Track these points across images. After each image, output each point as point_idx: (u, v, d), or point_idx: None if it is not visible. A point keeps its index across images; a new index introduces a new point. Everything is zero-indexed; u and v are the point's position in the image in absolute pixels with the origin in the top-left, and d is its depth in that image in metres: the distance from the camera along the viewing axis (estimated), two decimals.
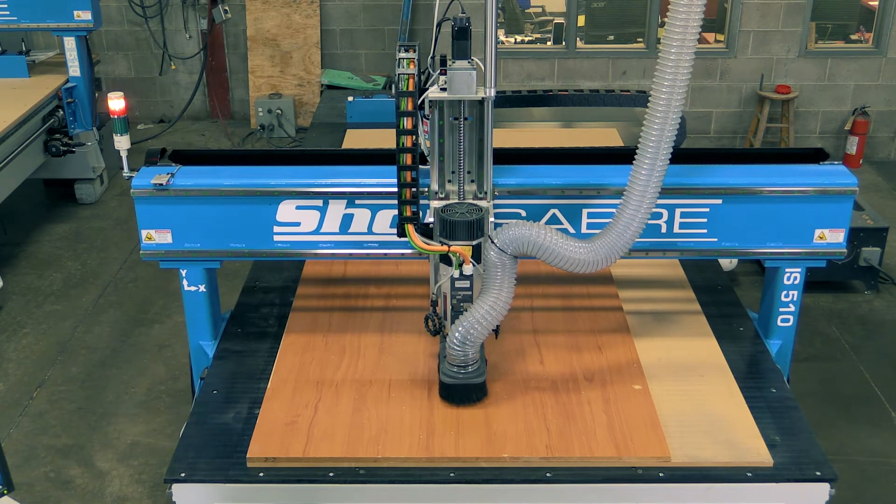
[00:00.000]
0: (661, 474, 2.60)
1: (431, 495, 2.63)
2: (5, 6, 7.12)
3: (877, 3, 8.70)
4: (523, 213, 3.14)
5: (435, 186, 2.96)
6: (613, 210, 2.83)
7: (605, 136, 5.31)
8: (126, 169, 3.23)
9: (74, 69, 7.29)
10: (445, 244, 2.77)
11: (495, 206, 3.04)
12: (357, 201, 3.14)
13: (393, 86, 3.14)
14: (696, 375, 3.02)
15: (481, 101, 2.85)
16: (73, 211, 7.74)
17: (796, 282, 3.34)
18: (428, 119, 2.87)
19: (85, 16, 7.10)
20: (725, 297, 3.55)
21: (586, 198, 3.14)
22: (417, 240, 2.85)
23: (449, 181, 2.97)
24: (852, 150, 8.79)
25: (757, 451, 2.66)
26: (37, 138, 7.00)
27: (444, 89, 2.80)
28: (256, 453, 2.65)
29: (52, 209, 7.76)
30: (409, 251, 3.08)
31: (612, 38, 9.27)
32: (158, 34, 9.59)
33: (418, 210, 2.85)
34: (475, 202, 2.90)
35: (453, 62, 2.82)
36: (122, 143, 3.28)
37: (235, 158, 3.37)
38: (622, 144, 5.11)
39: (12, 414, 5.15)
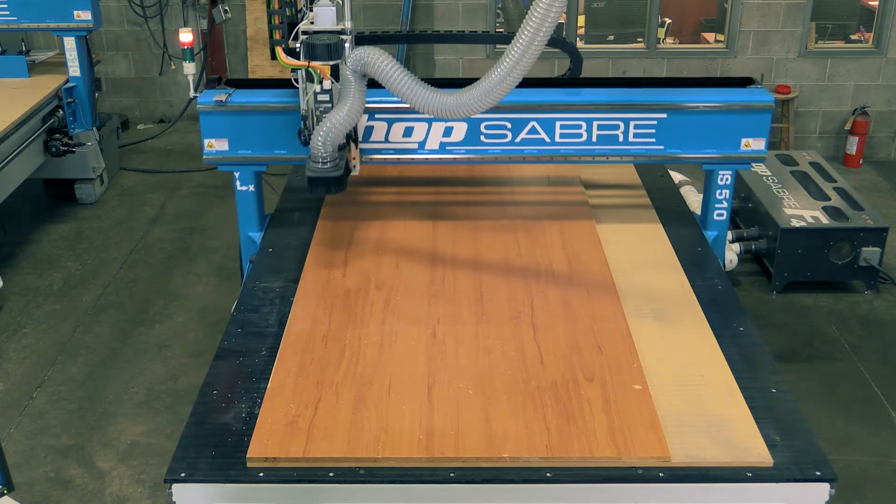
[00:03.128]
0: (661, 474, 2.60)
1: (431, 495, 2.63)
2: (5, 6, 7.12)
3: (877, 3, 8.70)
4: (508, 126, 4.00)
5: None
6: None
7: None
8: (192, 91, 4.19)
9: (74, 69, 7.30)
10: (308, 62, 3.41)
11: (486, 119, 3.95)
12: (376, 115, 3.93)
13: None
14: (695, 375, 3.02)
15: None
16: (73, 211, 7.74)
17: (727, 182, 4.18)
18: None
19: (85, 16, 7.10)
20: (725, 297, 3.55)
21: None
22: (284, 58, 3.52)
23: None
24: (852, 150, 8.79)
25: (757, 451, 2.66)
26: (37, 138, 7.00)
27: None
28: (256, 453, 2.65)
29: (52, 209, 7.76)
30: (419, 155, 4.01)
31: (612, 38, 9.27)
32: (158, 34, 9.60)
33: (286, 34, 3.58)
34: (337, 33, 3.46)
35: None
36: (189, 68, 4.23)
37: (280, 83, 4.01)
38: None
39: (12, 414, 5.15)
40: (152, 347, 5.81)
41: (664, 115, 3.98)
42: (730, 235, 6.79)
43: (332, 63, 3.44)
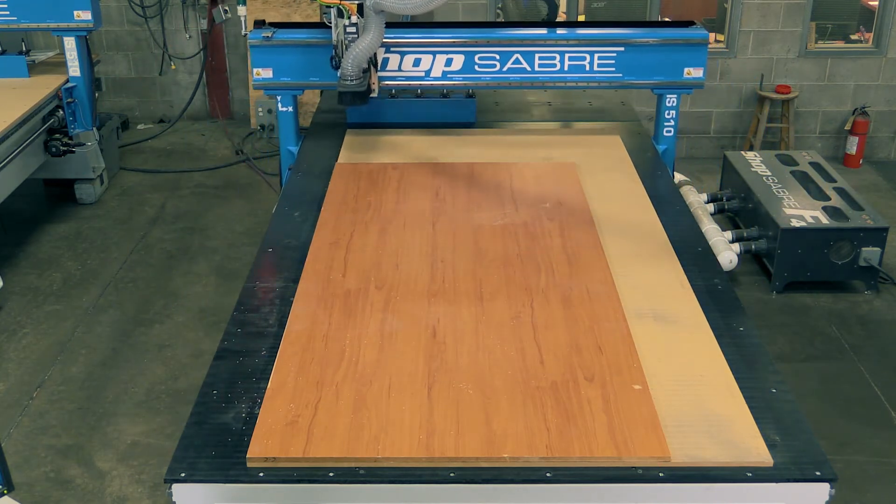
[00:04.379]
0: (661, 474, 2.60)
1: (431, 495, 2.63)
2: (5, 6, 7.12)
3: (877, 3, 8.70)
4: (497, 58, 5.10)
5: None
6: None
7: (603, 135, 5.32)
8: (244, 29, 5.10)
9: (74, 69, 7.30)
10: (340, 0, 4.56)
11: (479, 52, 5.08)
12: (392, 49, 5.03)
13: None
14: (695, 375, 3.02)
15: None
16: (73, 211, 7.74)
17: (674, 104, 5.23)
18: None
19: (85, 16, 7.11)
20: (725, 297, 3.55)
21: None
22: None
23: None
24: (852, 150, 8.79)
25: (757, 451, 2.66)
26: (37, 138, 7.00)
27: None
28: (256, 453, 2.65)
29: (52, 209, 7.76)
30: (425, 81, 5.14)
31: None
32: (158, 34, 9.60)
33: None
34: None
35: None
36: (242, 10, 5.16)
37: (314, 25, 5.11)
38: (621, 143, 5.13)
39: (12, 414, 5.15)
40: (152, 347, 5.81)
41: (622, 49, 5.03)
42: (730, 235, 6.80)
43: (357, 2, 4.51)
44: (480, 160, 4.86)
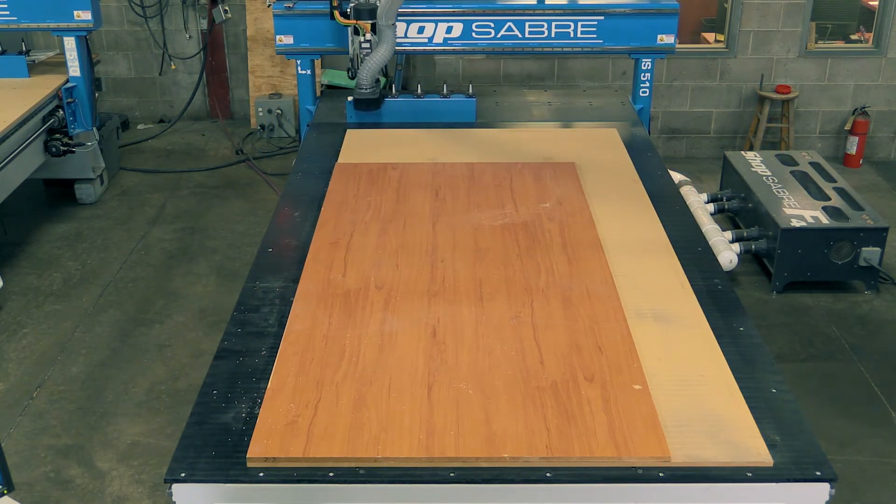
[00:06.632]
0: (661, 474, 2.60)
1: (431, 495, 2.63)
2: (5, 6, 7.12)
3: (877, 3, 8.70)
4: (492, 26, 5.71)
5: None
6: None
7: (603, 135, 5.32)
8: (268, 1, 5.78)
9: (74, 69, 7.30)
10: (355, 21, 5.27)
11: (476, 21, 5.71)
12: (399, 18, 5.47)
13: None
14: (696, 375, 3.02)
15: None
16: (73, 211, 7.74)
17: (649, 67, 5.86)
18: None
19: (85, 16, 7.10)
20: (725, 297, 3.55)
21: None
22: (340, 18, 5.27)
23: None
24: (852, 150, 8.79)
25: (757, 451, 2.66)
26: (37, 138, 7.00)
27: None
28: (256, 453, 2.65)
29: (52, 209, 7.76)
30: (429, 47, 5.77)
31: None
32: (158, 34, 9.60)
33: (341, 2, 5.25)
34: (374, 3, 5.21)
35: None
36: None
37: None
38: (621, 143, 5.14)
39: (12, 414, 5.15)
40: (152, 347, 5.81)
41: (602, 18, 5.65)
42: (730, 235, 6.80)
43: (371, 21, 5.19)
44: (480, 160, 4.86)
